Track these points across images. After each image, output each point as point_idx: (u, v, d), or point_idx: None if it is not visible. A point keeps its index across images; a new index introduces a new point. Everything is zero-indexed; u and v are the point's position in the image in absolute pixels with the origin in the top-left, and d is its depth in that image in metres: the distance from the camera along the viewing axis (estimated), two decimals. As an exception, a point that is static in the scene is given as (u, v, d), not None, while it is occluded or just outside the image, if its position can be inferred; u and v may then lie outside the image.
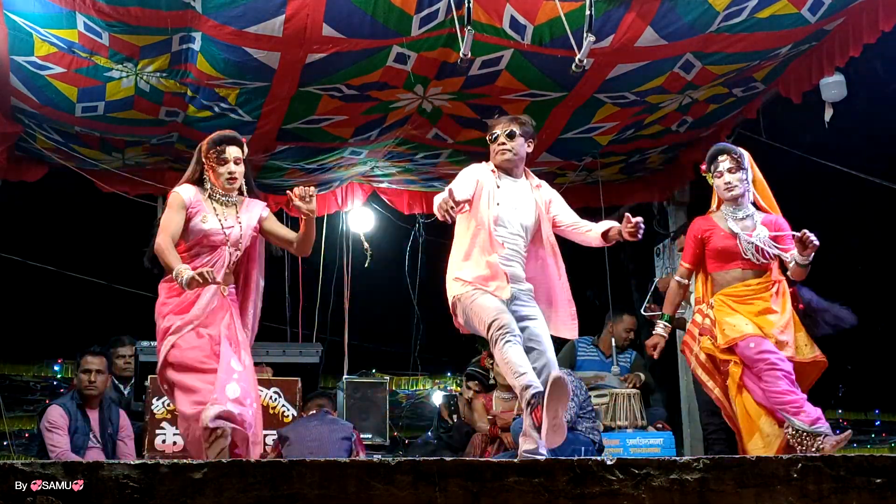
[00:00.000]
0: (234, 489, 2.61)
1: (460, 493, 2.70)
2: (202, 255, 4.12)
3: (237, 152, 4.19)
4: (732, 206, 4.61)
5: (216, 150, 4.16)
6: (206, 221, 4.11)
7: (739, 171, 4.57)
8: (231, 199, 4.22)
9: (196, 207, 4.13)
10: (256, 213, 4.27)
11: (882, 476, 2.92)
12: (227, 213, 4.19)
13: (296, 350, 6.55)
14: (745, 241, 4.53)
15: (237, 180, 4.20)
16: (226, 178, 4.16)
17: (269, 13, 5.00)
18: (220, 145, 4.17)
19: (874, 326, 12.59)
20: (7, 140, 6.16)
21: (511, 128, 4.34)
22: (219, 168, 4.16)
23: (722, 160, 4.60)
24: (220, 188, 4.19)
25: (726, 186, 4.58)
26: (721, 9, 5.17)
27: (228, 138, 4.22)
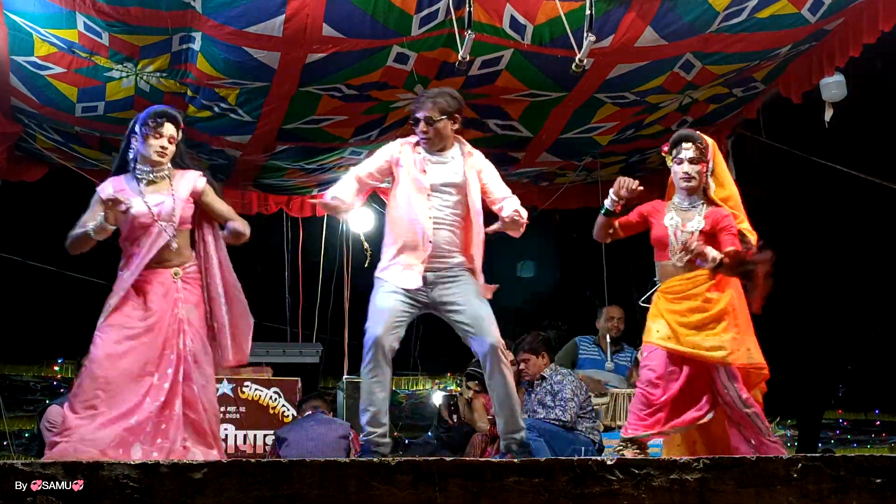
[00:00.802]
0: (234, 489, 2.61)
1: (460, 493, 2.70)
2: (139, 239, 4.02)
3: (173, 131, 4.11)
4: (683, 195, 4.41)
5: (154, 122, 4.08)
6: (131, 206, 4.00)
7: (701, 163, 4.37)
8: (160, 173, 4.11)
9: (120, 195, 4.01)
10: (190, 182, 4.14)
11: (882, 476, 2.92)
12: (155, 189, 4.08)
13: (296, 350, 6.57)
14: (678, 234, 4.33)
15: (167, 155, 4.10)
16: (156, 150, 4.07)
17: (269, 13, 5.00)
18: (160, 118, 4.09)
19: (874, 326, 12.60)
20: (7, 140, 6.16)
21: (430, 114, 4.29)
22: (151, 140, 4.06)
23: (686, 147, 4.38)
24: (147, 163, 4.09)
25: (684, 176, 4.37)
26: (721, 9, 5.17)
27: (170, 115, 4.14)
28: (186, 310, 4.01)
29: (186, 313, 4.00)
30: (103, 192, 4.04)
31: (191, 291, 4.07)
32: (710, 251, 4.14)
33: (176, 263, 4.06)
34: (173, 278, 4.03)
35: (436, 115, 4.27)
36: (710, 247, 4.17)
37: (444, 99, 4.31)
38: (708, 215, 4.33)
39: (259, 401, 5.67)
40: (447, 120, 4.28)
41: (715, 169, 4.45)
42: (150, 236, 4.01)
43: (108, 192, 4.03)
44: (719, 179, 4.45)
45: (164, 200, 4.05)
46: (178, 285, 4.04)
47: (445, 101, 4.30)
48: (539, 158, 7.00)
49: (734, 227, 4.31)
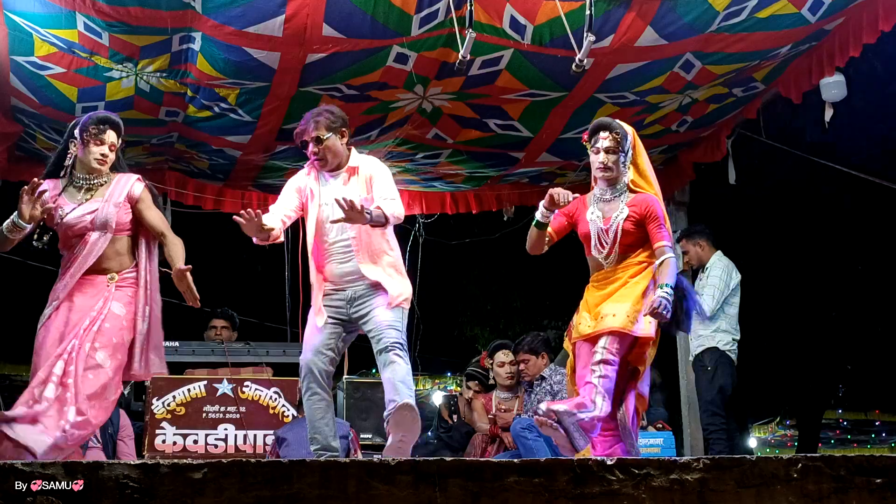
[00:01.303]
0: (234, 489, 2.61)
1: (460, 493, 2.70)
2: (74, 247, 4.00)
3: (114, 138, 4.10)
4: (604, 186, 4.35)
5: (97, 129, 4.05)
6: (65, 212, 4.00)
7: (618, 152, 4.29)
8: (97, 180, 4.09)
9: (53, 202, 4.02)
10: (125, 188, 4.11)
11: (882, 476, 2.92)
12: (89, 196, 4.06)
13: (296, 350, 6.52)
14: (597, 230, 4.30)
15: (106, 164, 4.09)
16: (97, 157, 4.05)
17: (269, 13, 5.00)
18: (103, 125, 4.07)
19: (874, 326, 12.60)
20: (7, 140, 6.16)
21: (317, 134, 4.34)
22: (92, 146, 4.05)
23: (602, 136, 4.31)
24: (86, 170, 4.07)
25: (600, 165, 4.31)
26: (721, 9, 5.17)
27: (112, 122, 4.12)
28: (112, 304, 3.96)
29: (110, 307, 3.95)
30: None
31: (122, 291, 4.02)
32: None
33: (113, 269, 4.03)
34: (107, 283, 4.00)
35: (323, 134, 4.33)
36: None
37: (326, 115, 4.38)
38: (632, 203, 4.28)
39: (259, 401, 5.67)
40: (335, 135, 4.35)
41: (635, 158, 4.39)
42: (85, 245, 3.98)
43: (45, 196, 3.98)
44: (639, 169, 4.39)
45: (99, 207, 4.02)
46: (110, 289, 4.00)
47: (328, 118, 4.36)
48: (539, 158, 6.99)
49: (662, 217, 4.25)
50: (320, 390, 4.24)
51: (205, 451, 5.45)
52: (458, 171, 7.28)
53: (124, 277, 4.05)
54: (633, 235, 4.27)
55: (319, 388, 4.24)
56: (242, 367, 5.94)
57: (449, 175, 7.39)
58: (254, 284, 10.69)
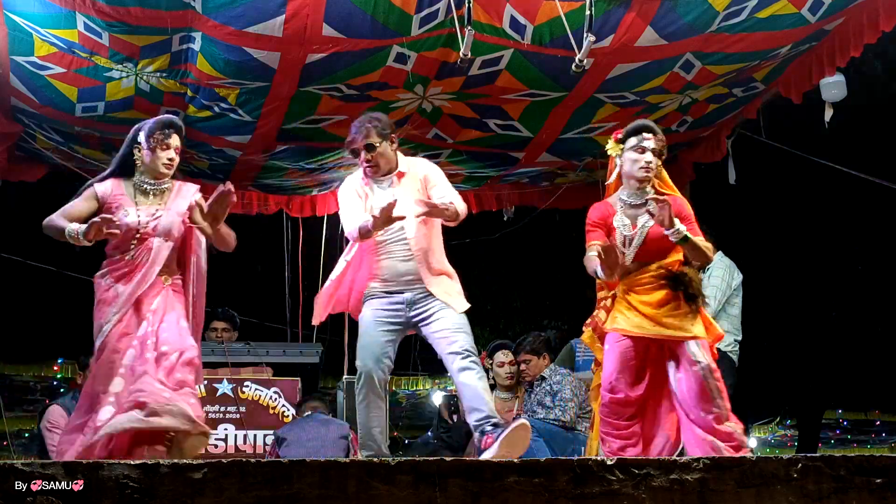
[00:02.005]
0: (234, 489, 2.61)
1: (460, 493, 2.70)
2: (130, 251, 3.99)
3: (178, 142, 4.13)
4: (632, 190, 4.25)
5: (162, 133, 4.07)
6: (128, 215, 4.00)
7: (661, 157, 4.24)
8: (161, 186, 4.12)
9: (118, 201, 4.02)
10: (188, 198, 4.14)
11: (882, 476, 2.92)
12: (153, 202, 4.08)
13: (296, 350, 6.56)
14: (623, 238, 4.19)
15: (173, 168, 4.11)
16: (164, 162, 4.07)
17: (269, 13, 5.00)
18: (168, 129, 4.09)
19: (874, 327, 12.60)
20: (7, 140, 6.16)
21: (368, 141, 4.41)
22: (159, 152, 4.06)
23: (647, 137, 4.22)
24: (152, 175, 4.09)
25: (645, 166, 4.18)
26: (721, 9, 5.17)
27: (176, 125, 4.15)
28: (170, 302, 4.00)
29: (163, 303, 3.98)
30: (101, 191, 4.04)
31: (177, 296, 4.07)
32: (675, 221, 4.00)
33: (165, 274, 4.05)
34: (163, 284, 4.02)
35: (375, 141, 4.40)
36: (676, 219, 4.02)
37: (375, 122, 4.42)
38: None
39: (259, 401, 5.68)
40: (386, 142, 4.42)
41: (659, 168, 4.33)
42: (149, 252, 3.99)
43: (106, 192, 4.02)
44: (661, 175, 4.35)
45: (163, 214, 4.04)
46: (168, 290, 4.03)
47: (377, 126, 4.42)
48: (539, 158, 6.99)
49: (693, 216, 4.21)
50: (377, 399, 4.26)
51: (205, 451, 5.45)
52: (458, 171, 7.28)
53: (174, 282, 4.08)
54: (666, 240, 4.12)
55: (377, 396, 4.26)
56: (242, 367, 5.94)
57: (449, 175, 7.37)
58: (254, 284, 10.70)
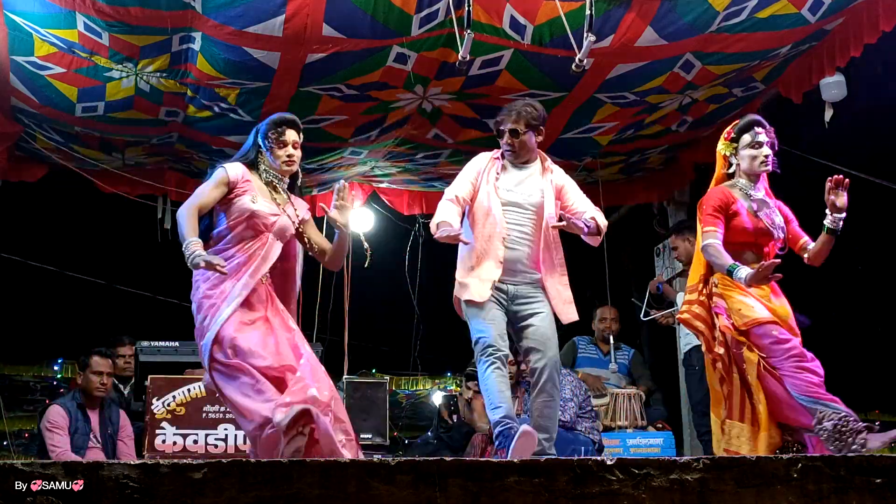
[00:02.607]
0: (234, 489, 2.61)
1: (460, 493, 2.70)
2: (246, 241, 3.94)
3: (295, 136, 4.08)
4: (752, 181, 4.38)
5: (276, 132, 4.03)
6: (255, 202, 3.95)
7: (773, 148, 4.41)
8: (281, 183, 4.09)
9: (245, 187, 3.97)
10: (303, 209, 4.15)
11: (882, 476, 2.91)
12: (277, 198, 4.05)
13: (295, 350, 6.54)
14: (768, 221, 4.33)
15: (295, 163, 4.08)
16: (284, 160, 4.03)
17: (269, 13, 5.00)
18: (281, 126, 4.05)
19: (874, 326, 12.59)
20: (7, 140, 6.17)
21: (515, 127, 4.43)
22: (277, 150, 4.03)
23: (760, 132, 4.37)
24: (278, 171, 4.06)
25: (764, 160, 4.34)
26: (721, 9, 5.17)
27: (289, 121, 4.09)
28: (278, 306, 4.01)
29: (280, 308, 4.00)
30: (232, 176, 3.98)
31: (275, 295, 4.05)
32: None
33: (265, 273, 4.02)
34: (262, 282, 3.98)
35: (521, 128, 4.40)
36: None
37: (529, 110, 4.44)
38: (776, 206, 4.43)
39: (259, 401, 5.66)
40: (532, 132, 4.42)
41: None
42: (263, 247, 3.95)
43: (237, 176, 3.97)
44: None
45: (283, 215, 4.03)
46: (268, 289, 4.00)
47: (530, 112, 4.43)
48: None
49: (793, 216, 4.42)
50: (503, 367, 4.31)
51: (205, 451, 5.44)
52: (458, 172, 7.27)
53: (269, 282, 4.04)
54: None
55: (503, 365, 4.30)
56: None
57: (449, 175, 7.38)
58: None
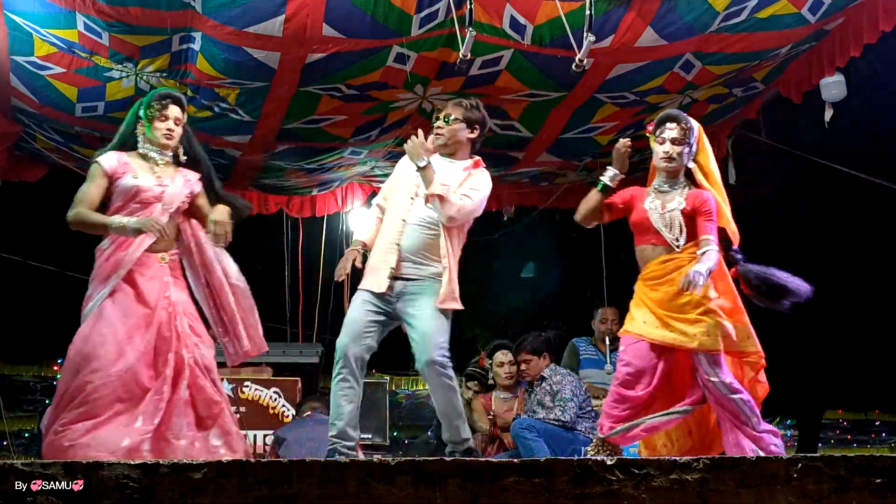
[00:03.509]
0: (234, 489, 2.61)
1: (460, 493, 2.70)
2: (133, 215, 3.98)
3: (178, 112, 4.13)
4: (664, 178, 4.29)
5: (161, 104, 4.10)
6: (137, 177, 4.01)
7: (683, 144, 4.24)
8: (166, 157, 4.13)
9: (123, 169, 4.03)
10: (189, 185, 4.16)
11: (882, 476, 2.91)
12: (160, 171, 4.09)
13: (296, 350, 6.57)
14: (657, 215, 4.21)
15: (174, 139, 4.12)
16: (163, 132, 4.09)
17: (269, 13, 5.00)
18: (165, 100, 4.12)
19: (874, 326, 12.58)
20: (7, 140, 6.16)
21: (449, 112, 4.35)
22: (157, 123, 4.09)
23: (670, 128, 4.27)
24: (157, 145, 4.11)
25: (664, 155, 4.24)
26: (721, 9, 5.17)
27: (174, 97, 4.17)
28: (176, 293, 3.99)
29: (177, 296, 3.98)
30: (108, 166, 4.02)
31: (178, 276, 4.06)
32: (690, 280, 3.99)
33: (163, 248, 4.03)
34: (160, 262, 4.01)
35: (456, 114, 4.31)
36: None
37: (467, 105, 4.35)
38: (689, 196, 4.21)
39: (259, 401, 5.68)
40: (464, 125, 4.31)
41: (699, 156, 4.32)
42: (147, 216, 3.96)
43: (112, 165, 4.02)
44: (704, 169, 4.33)
45: (169, 185, 4.06)
46: (165, 269, 4.01)
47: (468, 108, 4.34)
48: (539, 158, 6.99)
49: (714, 213, 4.18)
50: (350, 377, 4.18)
51: (205, 451, 5.44)
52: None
53: (172, 259, 4.07)
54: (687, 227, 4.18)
55: (350, 375, 4.17)
56: (242, 367, 5.93)
57: (449, 175, 7.39)
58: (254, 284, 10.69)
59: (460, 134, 4.34)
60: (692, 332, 4.03)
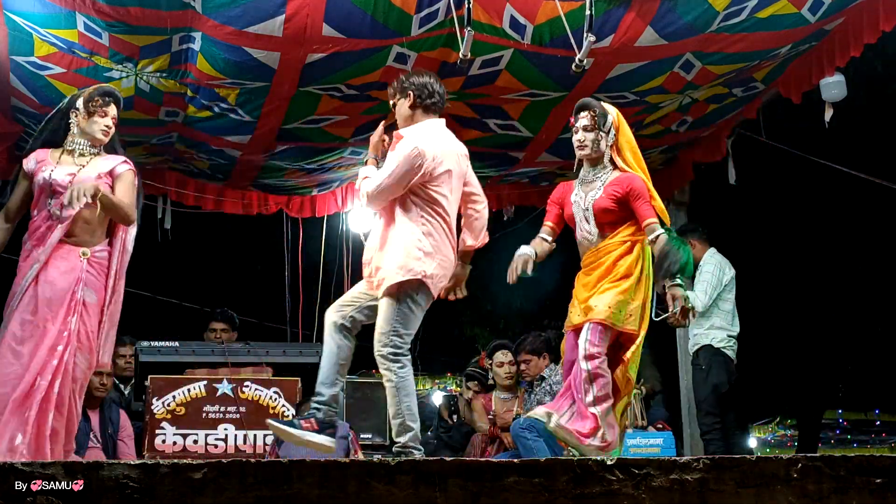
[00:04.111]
0: (234, 489, 2.61)
1: (460, 493, 2.70)
2: (46, 207, 4.06)
3: (115, 112, 4.24)
4: (587, 167, 4.39)
5: (102, 100, 4.18)
6: (52, 172, 4.08)
7: (595, 130, 4.32)
8: (93, 150, 4.21)
9: (41, 166, 4.11)
10: (111, 163, 4.20)
11: (882, 476, 2.92)
12: (78, 162, 4.15)
13: (296, 350, 6.54)
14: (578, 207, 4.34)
15: (109, 135, 4.21)
16: (101, 128, 4.17)
17: (269, 13, 5.00)
18: (107, 97, 4.21)
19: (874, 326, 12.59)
20: (7, 140, 6.16)
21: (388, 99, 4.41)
22: (97, 117, 4.17)
23: (582, 116, 4.38)
24: (88, 139, 4.18)
25: (578, 143, 4.36)
26: (721, 9, 5.17)
27: (116, 96, 4.26)
28: (86, 292, 4.00)
29: (84, 295, 3.99)
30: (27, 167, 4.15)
31: (95, 276, 4.06)
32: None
33: (84, 242, 4.05)
34: (80, 257, 4.03)
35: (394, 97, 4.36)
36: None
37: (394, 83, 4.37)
38: (614, 182, 4.28)
39: (259, 401, 5.67)
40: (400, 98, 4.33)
41: (619, 140, 4.38)
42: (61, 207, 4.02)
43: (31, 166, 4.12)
44: (621, 151, 4.38)
45: (80, 171, 4.10)
46: (82, 265, 4.02)
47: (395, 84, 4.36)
48: (539, 158, 6.99)
49: (646, 194, 4.23)
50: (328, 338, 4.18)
51: (205, 451, 5.45)
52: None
53: (96, 257, 4.08)
54: (613, 214, 4.26)
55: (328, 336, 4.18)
56: (242, 367, 5.93)
57: (449, 175, 7.38)
58: (254, 284, 10.71)
59: (401, 109, 4.35)
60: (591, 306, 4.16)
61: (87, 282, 4.02)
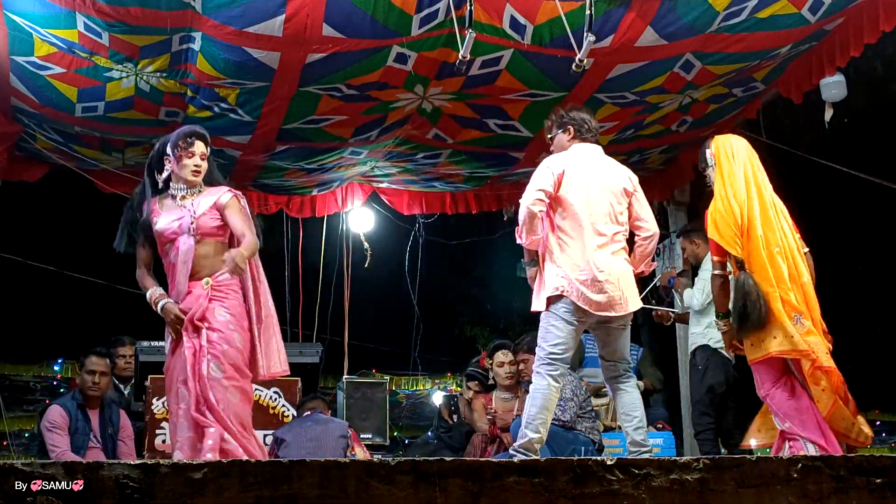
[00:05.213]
0: (234, 489, 2.61)
1: (460, 493, 2.70)
2: (168, 254, 4.18)
3: (203, 148, 4.25)
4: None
5: (186, 142, 4.20)
6: (159, 223, 4.18)
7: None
8: (193, 190, 4.24)
9: (152, 216, 4.22)
10: (214, 196, 4.24)
11: (882, 476, 2.92)
12: (180, 204, 4.21)
13: (296, 350, 6.54)
14: None
15: (201, 174, 4.24)
16: (191, 169, 4.20)
17: (269, 13, 5.00)
18: (190, 137, 4.22)
19: (874, 326, 12.59)
20: (7, 140, 6.16)
21: (547, 133, 4.82)
22: (185, 160, 4.20)
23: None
24: (184, 181, 4.22)
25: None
26: (721, 9, 5.17)
27: (198, 133, 4.28)
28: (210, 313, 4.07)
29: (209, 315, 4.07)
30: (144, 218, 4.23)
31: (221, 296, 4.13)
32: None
33: (206, 274, 4.13)
34: (203, 287, 4.11)
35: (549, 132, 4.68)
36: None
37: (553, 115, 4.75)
38: None
39: (259, 401, 5.66)
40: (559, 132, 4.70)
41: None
42: (173, 251, 4.16)
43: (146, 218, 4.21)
44: None
45: (184, 215, 4.17)
46: (206, 292, 4.11)
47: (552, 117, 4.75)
48: (539, 158, 6.96)
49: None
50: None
51: (205, 451, 5.44)
52: (458, 172, 7.28)
53: (219, 281, 4.14)
54: None
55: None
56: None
57: (449, 175, 7.39)
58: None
59: (560, 142, 4.90)
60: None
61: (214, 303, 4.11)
